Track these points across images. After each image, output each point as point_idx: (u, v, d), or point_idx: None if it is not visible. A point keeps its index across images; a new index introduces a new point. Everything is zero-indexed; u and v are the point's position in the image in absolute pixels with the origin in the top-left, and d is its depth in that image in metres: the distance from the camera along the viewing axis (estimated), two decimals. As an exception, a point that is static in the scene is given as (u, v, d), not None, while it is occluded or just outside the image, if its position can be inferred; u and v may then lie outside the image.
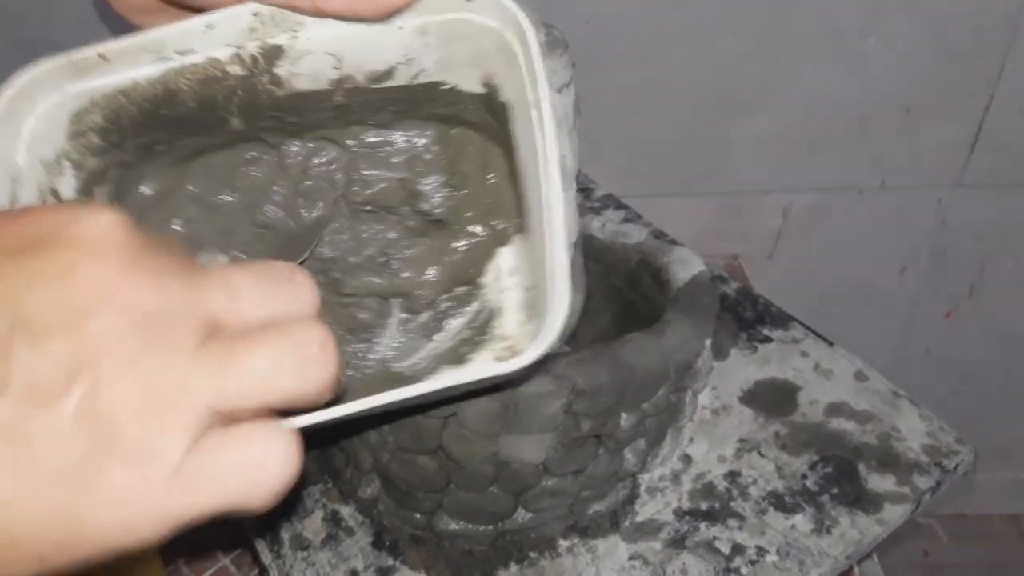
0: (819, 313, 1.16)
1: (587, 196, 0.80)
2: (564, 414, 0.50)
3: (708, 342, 0.57)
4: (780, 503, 0.57)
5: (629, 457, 0.57)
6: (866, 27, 0.92)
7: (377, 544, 0.56)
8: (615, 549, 0.55)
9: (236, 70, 0.36)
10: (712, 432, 0.62)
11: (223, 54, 0.35)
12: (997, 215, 1.09)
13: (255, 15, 0.34)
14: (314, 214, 0.45)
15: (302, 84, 0.37)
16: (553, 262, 0.32)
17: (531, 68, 0.34)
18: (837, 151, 1.03)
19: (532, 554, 0.56)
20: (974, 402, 1.29)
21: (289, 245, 0.44)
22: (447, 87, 0.39)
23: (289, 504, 0.56)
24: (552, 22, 0.67)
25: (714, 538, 0.55)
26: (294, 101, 0.38)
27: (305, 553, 0.56)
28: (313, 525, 0.57)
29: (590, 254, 0.68)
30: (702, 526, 0.56)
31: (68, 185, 0.37)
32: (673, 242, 0.66)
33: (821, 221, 1.09)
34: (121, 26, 0.38)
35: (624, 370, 0.51)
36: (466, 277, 0.44)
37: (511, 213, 0.42)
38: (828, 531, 0.55)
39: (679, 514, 0.57)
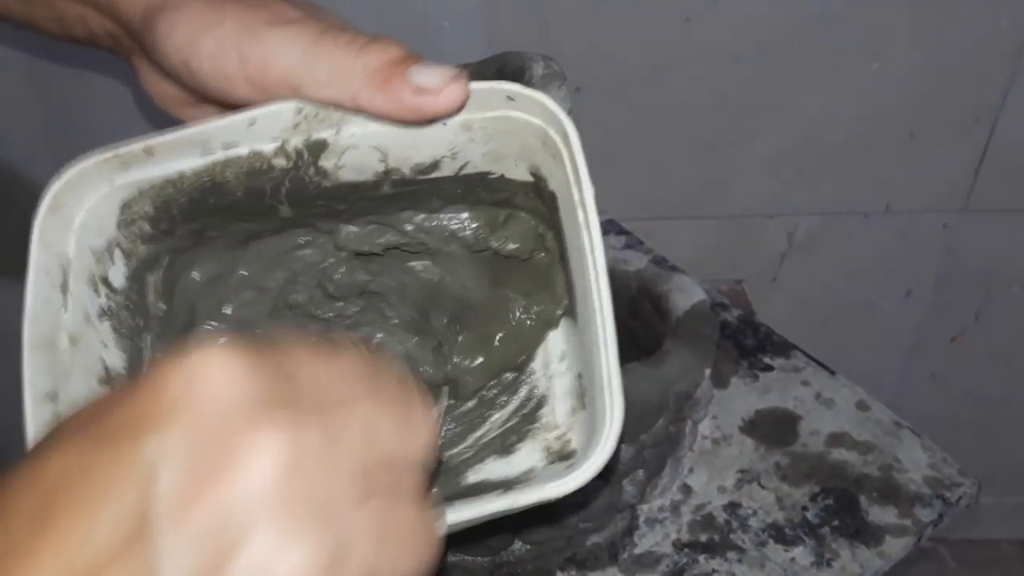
0: (823, 337, 1.16)
1: (589, 222, 0.80)
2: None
3: (708, 372, 0.56)
4: (780, 535, 0.57)
5: (628, 488, 0.56)
6: (871, 52, 0.92)
7: (373, 574, 0.56)
8: (613, 581, 0.55)
9: (281, 163, 0.36)
10: (712, 462, 0.62)
11: (267, 148, 0.35)
12: (1003, 240, 1.09)
13: (298, 111, 0.34)
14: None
15: (348, 176, 0.37)
16: (609, 372, 0.32)
17: (575, 167, 0.33)
18: (842, 175, 1.03)
19: (529, 586, 0.55)
20: (980, 427, 1.28)
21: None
22: (495, 176, 0.39)
23: None
24: (557, 45, 0.67)
25: (713, 571, 0.55)
26: (342, 191, 0.38)
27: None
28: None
29: (591, 281, 0.68)
30: (701, 558, 0.56)
31: (119, 273, 0.37)
32: (674, 269, 0.66)
33: (826, 245, 1.09)
34: (163, 119, 0.39)
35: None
36: (515, 363, 0.43)
37: (561, 296, 0.42)
38: (828, 564, 0.55)
39: (678, 546, 0.57)
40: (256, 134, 0.35)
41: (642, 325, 0.65)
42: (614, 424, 0.31)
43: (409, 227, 0.42)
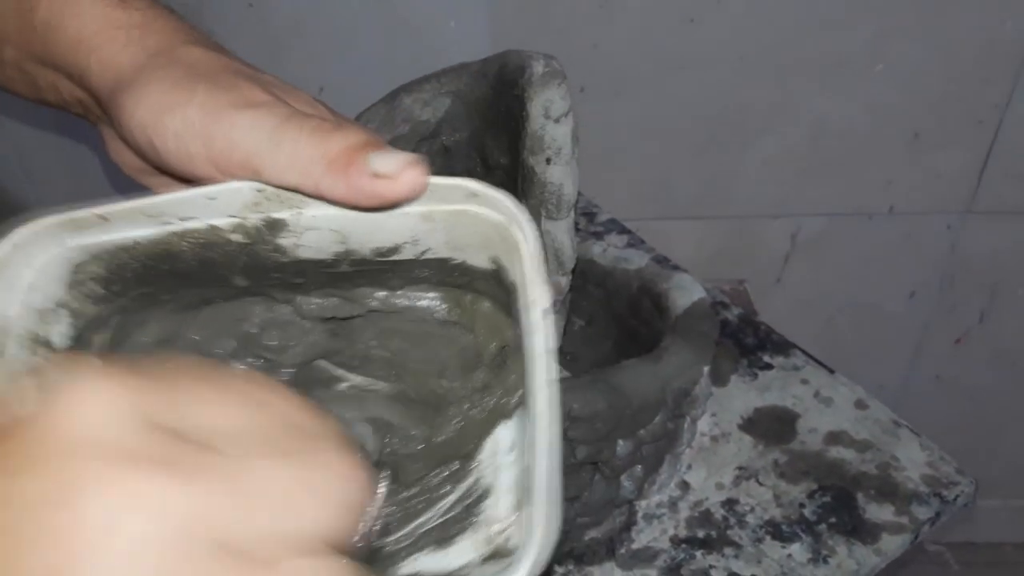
0: (827, 338, 1.16)
1: (591, 220, 0.80)
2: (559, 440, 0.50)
3: (706, 369, 0.57)
4: (777, 532, 0.57)
5: (626, 484, 0.57)
6: (875, 53, 0.93)
7: (373, 567, 0.56)
8: (610, 576, 0.55)
9: (238, 239, 0.36)
10: (711, 459, 0.62)
11: (225, 223, 0.35)
12: (1008, 241, 1.09)
13: (259, 191, 0.34)
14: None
15: (306, 254, 0.37)
16: (550, 481, 0.30)
17: (527, 268, 0.33)
18: (846, 176, 1.03)
19: (527, 579, 0.56)
20: (984, 429, 1.28)
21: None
22: (457, 261, 0.39)
23: None
24: (560, 46, 0.68)
25: (710, 567, 0.55)
26: (299, 267, 0.38)
27: None
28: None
29: (591, 279, 0.68)
30: (698, 554, 0.56)
31: (62, 333, 0.35)
32: (675, 268, 0.67)
33: (829, 246, 1.09)
34: (127, 183, 0.40)
35: (621, 397, 0.51)
36: (462, 451, 0.42)
37: (515, 387, 0.41)
38: (825, 561, 0.55)
39: (675, 542, 0.57)
40: (214, 210, 0.34)
41: (642, 323, 0.65)
42: (550, 535, 0.29)
43: (373, 302, 0.42)
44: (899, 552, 0.56)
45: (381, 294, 0.41)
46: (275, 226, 0.36)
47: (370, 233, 0.36)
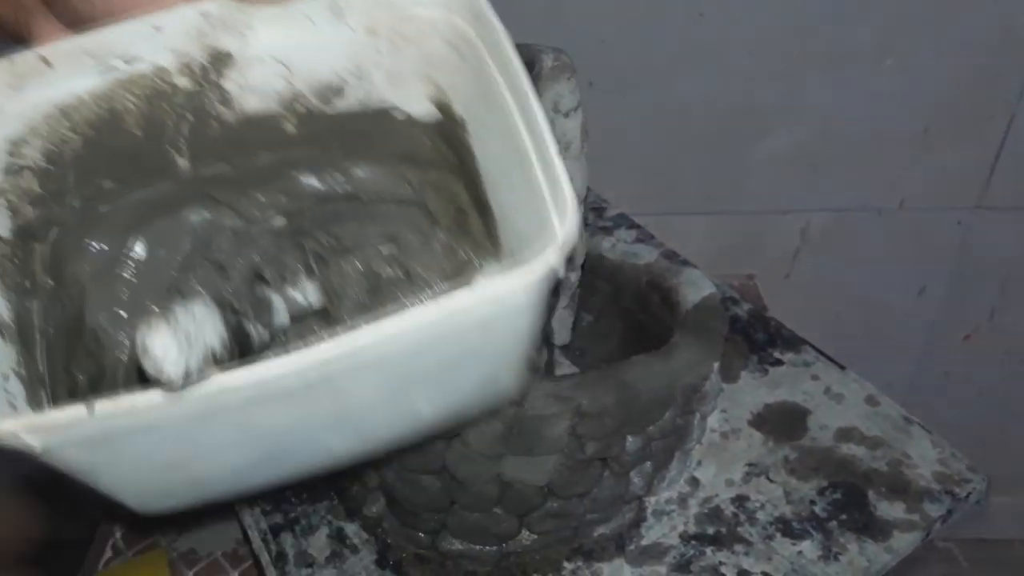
0: (836, 334, 1.15)
1: (599, 215, 0.80)
2: (569, 436, 0.50)
3: (716, 365, 0.56)
4: (788, 529, 0.56)
5: (635, 480, 0.56)
6: (884, 47, 0.92)
7: (381, 563, 0.56)
8: (620, 573, 0.55)
9: (184, 83, 0.34)
10: (720, 455, 0.62)
11: (171, 63, 0.34)
12: (1018, 237, 1.08)
13: (203, 15, 0.33)
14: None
15: (251, 103, 0.36)
16: (550, 167, 0.29)
17: (493, 35, 0.32)
18: (855, 171, 1.02)
19: (536, 576, 0.56)
20: (993, 426, 1.27)
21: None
22: (400, 114, 0.38)
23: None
24: (568, 40, 0.67)
25: (720, 563, 0.55)
26: (244, 131, 0.37)
27: (310, 570, 0.56)
28: (318, 542, 0.57)
29: (600, 274, 0.68)
30: (708, 551, 0.56)
31: (4, 226, 0.34)
32: (684, 263, 0.66)
33: (839, 241, 1.09)
34: None
35: (630, 392, 0.51)
36: None
37: (480, 243, 0.41)
38: (836, 558, 0.55)
39: (685, 538, 0.57)
40: (160, 45, 0.33)
41: (651, 318, 0.65)
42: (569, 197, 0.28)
43: (320, 189, 0.40)
44: (910, 550, 0.55)
45: (325, 177, 0.41)
46: (221, 62, 0.34)
47: (314, 57, 0.35)
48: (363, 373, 0.28)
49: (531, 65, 0.51)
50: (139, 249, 0.40)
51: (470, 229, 0.41)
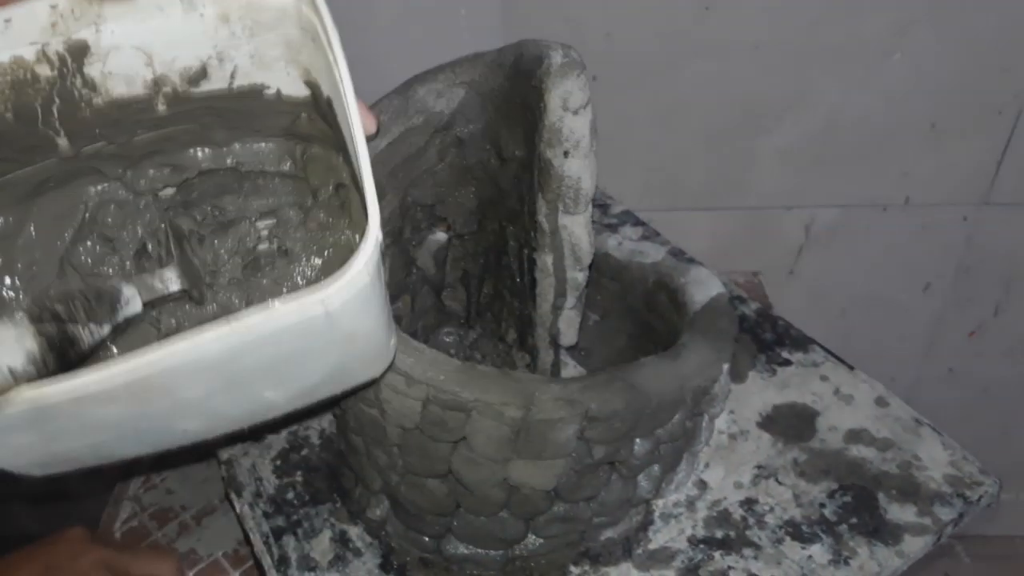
0: (840, 330, 1.15)
1: (604, 212, 0.79)
2: (577, 440, 0.49)
3: (726, 367, 0.56)
4: (797, 532, 0.56)
5: (643, 483, 0.56)
6: (892, 42, 0.91)
7: (385, 567, 0.55)
8: (627, 577, 0.54)
9: (45, 71, 0.35)
10: (729, 458, 0.61)
11: (27, 53, 0.34)
12: (1024, 234, 1.07)
13: (53, 7, 0.33)
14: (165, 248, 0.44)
15: (118, 88, 0.36)
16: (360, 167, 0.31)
17: (326, 32, 0.33)
18: (861, 167, 1.01)
19: (542, 580, 0.55)
20: (996, 423, 1.26)
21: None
22: (271, 93, 0.38)
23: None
24: (573, 34, 0.66)
25: (729, 568, 0.54)
26: (117, 113, 0.37)
27: (312, 574, 0.55)
28: (321, 545, 0.57)
29: (606, 272, 0.67)
30: (717, 555, 0.55)
31: None
32: (691, 261, 0.65)
33: (843, 237, 1.08)
34: None
35: (639, 396, 0.50)
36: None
37: (359, 222, 0.41)
38: (846, 563, 0.54)
39: (693, 542, 0.56)
40: (12, 37, 0.34)
41: (658, 318, 0.64)
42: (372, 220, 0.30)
43: (203, 163, 0.41)
44: (922, 554, 0.55)
45: (208, 151, 0.42)
46: (78, 51, 0.35)
47: (173, 46, 0.36)
48: (182, 376, 0.29)
49: (539, 61, 0.50)
50: (31, 226, 0.41)
51: (349, 205, 0.41)
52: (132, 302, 0.41)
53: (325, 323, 0.30)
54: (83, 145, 0.38)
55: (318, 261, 0.43)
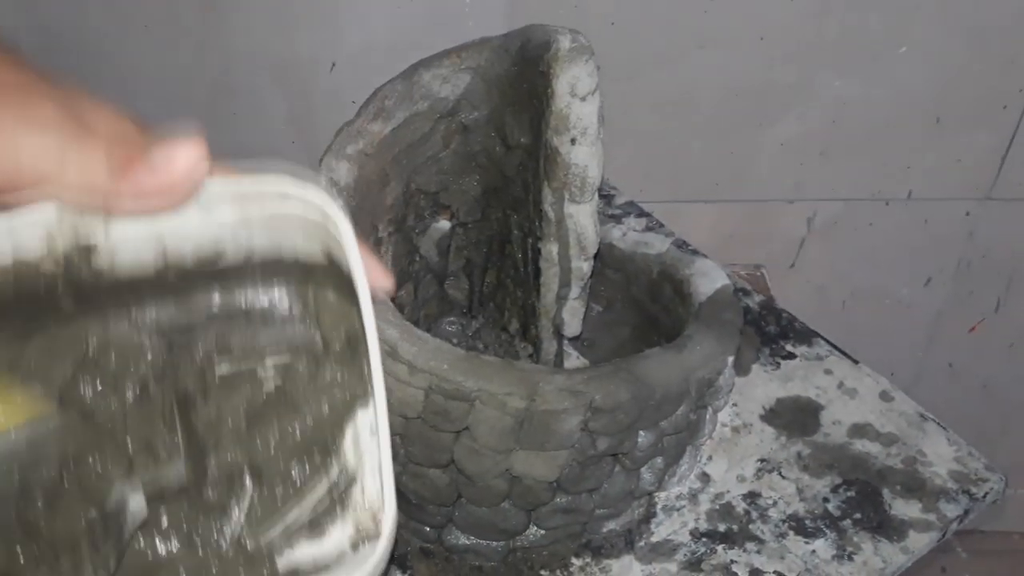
0: (841, 324, 1.14)
1: (608, 203, 0.78)
2: (580, 432, 0.49)
3: (731, 359, 0.55)
4: (801, 527, 0.55)
5: (646, 476, 0.55)
6: (897, 35, 0.90)
7: (385, 557, 0.55)
8: (629, 570, 0.54)
9: (50, 268, 0.34)
10: (732, 451, 0.60)
11: (33, 254, 0.34)
12: (1027, 229, 1.07)
13: (59, 219, 0.33)
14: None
15: (126, 271, 0.36)
16: (380, 462, 0.32)
17: (348, 261, 0.33)
18: (864, 160, 1.01)
19: (543, 572, 0.54)
20: (995, 418, 1.26)
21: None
22: (288, 260, 0.38)
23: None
24: (577, 23, 0.65)
25: (731, 561, 0.54)
26: (126, 285, 0.37)
27: (312, 564, 0.54)
28: (320, 535, 0.56)
29: (610, 263, 0.67)
30: (719, 548, 0.55)
31: None
32: (695, 253, 0.65)
33: (845, 231, 1.07)
34: None
35: (644, 387, 0.49)
36: (324, 442, 0.40)
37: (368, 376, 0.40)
38: (850, 558, 0.54)
39: (696, 535, 0.55)
40: (17, 243, 0.33)
41: (663, 309, 0.63)
42: (387, 515, 0.31)
43: (213, 308, 0.40)
44: (926, 550, 0.55)
45: (218, 298, 0.40)
46: (85, 251, 0.34)
47: (186, 241, 0.35)
48: None
49: (546, 46, 0.50)
50: (29, 361, 0.39)
51: (359, 360, 0.40)
52: (138, 512, 0.39)
53: None
54: (89, 305, 0.37)
55: (326, 409, 0.42)
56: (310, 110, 0.95)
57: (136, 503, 0.38)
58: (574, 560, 0.55)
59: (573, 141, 0.50)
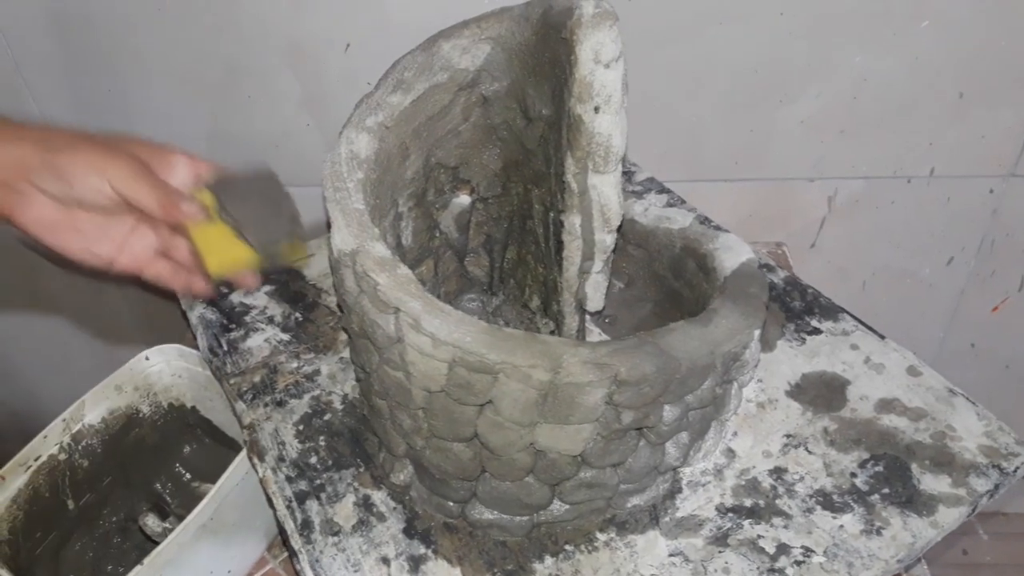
0: (862, 304, 1.13)
1: (628, 179, 0.77)
2: (605, 405, 0.48)
3: (757, 333, 0.54)
4: (828, 502, 0.55)
5: (671, 450, 0.55)
6: (920, 8, 0.89)
7: (409, 532, 0.55)
8: (654, 545, 0.53)
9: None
10: (757, 426, 0.60)
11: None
12: (1051, 207, 1.05)
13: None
14: None
15: None
16: None
17: None
18: (885, 137, 0.99)
19: (568, 547, 0.54)
20: (1018, 398, 1.25)
21: None
22: None
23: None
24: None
25: (758, 536, 0.53)
26: None
27: (336, 538, 0.54)
28: (344, 510, 0.56)
29: (632, 239, 0.66)
30: (746, 524, 0.54)
31: None
32: (718, 228, 0.64)
33: (867, 209, 1.06)
34: None
35: (670, 361, 0.49)
36: None
37: None
38: (879, 533, 0.53)
39: (722, 511, 0.55)
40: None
41: (686, 285, 0.63)
42: None
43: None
44: (956, 525, 0.54)
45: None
46: None
47: None
48: None
49: (569, 12, 0.49)
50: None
51: None
52: None
53: None
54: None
55: None
56: (324, 92, 0.94)
57: None
58: (599, 535, 0.54)
59: (597, 109, 0.49)
